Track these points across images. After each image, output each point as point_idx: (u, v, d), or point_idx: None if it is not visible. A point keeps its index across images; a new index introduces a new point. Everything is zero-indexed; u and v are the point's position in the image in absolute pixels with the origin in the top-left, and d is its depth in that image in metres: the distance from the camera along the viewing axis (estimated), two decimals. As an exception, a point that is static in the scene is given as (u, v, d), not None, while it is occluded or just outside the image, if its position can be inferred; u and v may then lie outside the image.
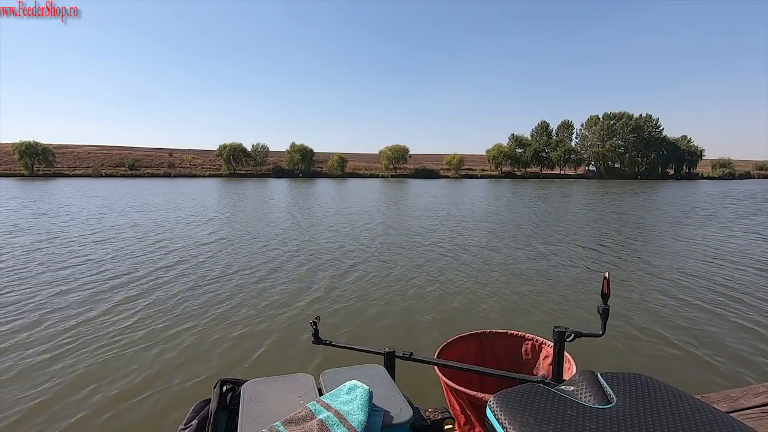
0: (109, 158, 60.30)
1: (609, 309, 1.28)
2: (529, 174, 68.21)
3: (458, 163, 64.22)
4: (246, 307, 5.28)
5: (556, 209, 18.72)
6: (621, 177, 65.84)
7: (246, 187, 34.47)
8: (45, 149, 51.35)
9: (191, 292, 5.83)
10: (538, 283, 6.48)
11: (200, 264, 7.51)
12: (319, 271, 7.10)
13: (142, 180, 45.19)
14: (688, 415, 0.73)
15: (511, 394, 0.85)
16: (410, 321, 4.93)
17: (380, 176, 60.22)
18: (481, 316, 5.11)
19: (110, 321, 4.76)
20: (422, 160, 73.73)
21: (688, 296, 5.78)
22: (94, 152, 63.50)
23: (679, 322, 4.83)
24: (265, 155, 62.31)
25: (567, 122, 74.23)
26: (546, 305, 5.45)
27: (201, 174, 56.17)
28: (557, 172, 71.14)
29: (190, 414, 1.12)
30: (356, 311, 5.20)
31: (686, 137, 74.69)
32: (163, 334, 4.44)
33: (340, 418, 0.93)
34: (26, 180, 40.91)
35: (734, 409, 1.36)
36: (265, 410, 1.02)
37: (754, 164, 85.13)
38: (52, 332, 4.42)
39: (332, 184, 41.42)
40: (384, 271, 7.14)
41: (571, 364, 1.58)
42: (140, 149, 70.52)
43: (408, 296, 5.77)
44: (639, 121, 69.78)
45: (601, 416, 0.76)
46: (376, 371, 1.24)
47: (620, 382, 0.86)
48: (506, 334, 1.95)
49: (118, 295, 5.65)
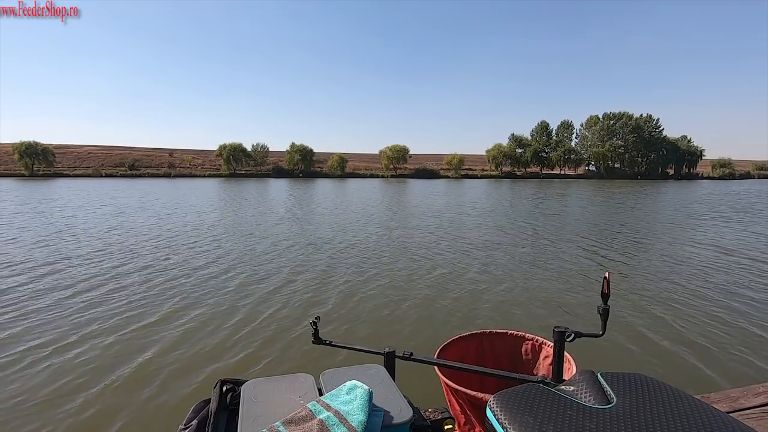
0: (109, 158, 60.31)
1: (609, 309, 1.28)
2: (529, 174, 68.18)
3: (458, 163, 64.22)
4: (246, 307, 5.28)
5: (556, 209, 18.72)
6: (621, 177, 65.81)
7: (246, 187, 34.44)
8: (45, 149, 51.35)
9: (191, 293, 5.83)
10: (538, 283, 6.48)
11: (200, 264, 7.51)
12: (320, 271, 7.10)
13: (143, 180, 45.17)
14: (688, 415, 0.73)
15: (511, 394, 0.85)
16: (410, 321, 4.92)
17: (380, 176, 60.20)
18: (481, 315, 5.10)
19: (110, 321, 4.76)
20: (422, 160, 73.75)
21: (688, 296, 5.78)
22: (94, 152, 63.53)
23: (679, 321, 4.83)
24: (265, 155, 62.30)
25: (567, 122, 74.25)
26: (546, 305, 5.45)
27: (201, 174, 56.14)
28: (557, 172, 71.11)
29: (190, 414, 1.12)
30: (356, 311, 5.20)
31: (686, 137, 74.69)
32: (163, 333, 4.44)
33: (340, 418, 0.93)
34: (26, 180, 40.90)
35: (734, 409, 1.36)
36: (265, 410, 1.02)
37: (754, 164, 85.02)
38: (58, 323, 4.43)
39: (332, 184, 41.41)
40: (384, 271, 7.14)
41: (571, 364, 1.58)
42: (140, 149, 70.59)
43: (408, 296, 5.77)
44: (639, 121, 69.74)
45: (601, 416, 0.76)
46: (376, 371, 1.24)
47: (620, 382, 0.86)
48: (506, 334, 1.95)
49: (119, 295, 5.66)
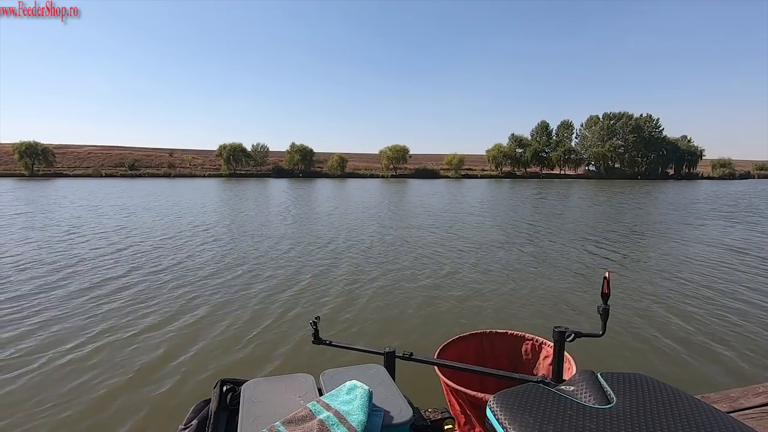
0: (109, 158, 60.31)
1: (609, 309, 1.28)
2: (529, 174, 68.18)
3: (458, 163, 64.21)
4: (246, 307, 5.28)
5: (557, 209, 18.71)
6: (621, 177, 65.81)
7: (247, 187, 34.44)
8: (45, 149, 51.34)
9: (191, 293, 5.83)
10: (538, 282, 6.48)
11: (200, 264, 7.51)
12: (320, 270, 7.09)
13: (144, 180, 45.17)
14: (688, 415, 0.73)
15: (511, 394, 0.85)
16: (411, 321, 4.93)
17: (380, 176, 60.20)
18: (482, 315, 5.10)
19: (110, 320, 4.77)
20: (422, 160, 73.73)
21: (689, 296, 5.78)
22: (94, 152, 63.52)
23: (679, 321, 4.83)
24: (265, 155, 62.28)
25: (567, 122, 74.27)
26: (546, 305, 5.45)
27: (201, 174, 56.13)
28: (557, 172, 71.10)
29: (190, 414, 1.12)
30: (357, 311, 5.19)
31: (686, 137, 74.70)
32: (163, 333, 4.44)
33: (340, 418, 0.93)
34: (26, 180, 40.90)
35: (734, 409, 1.36)
36: (265, 410, 1.02)
37: (754, 164, 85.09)
38: (59, 323, 4.43)
39: (332, 184, 41.41)
40: (385, 271, 7.14)
41: (571, 364, 1.58)
42: (140, 149, 70.55)
43: (408, 296, 5.77)
44: (639, 121, 69.74)
45: (601, 416, 0.76)
46: (376, 371, 1.24)
47: (620, 382, 0.86)
48: (506, 334, 1.95)
49: (120, 294, 5.66)
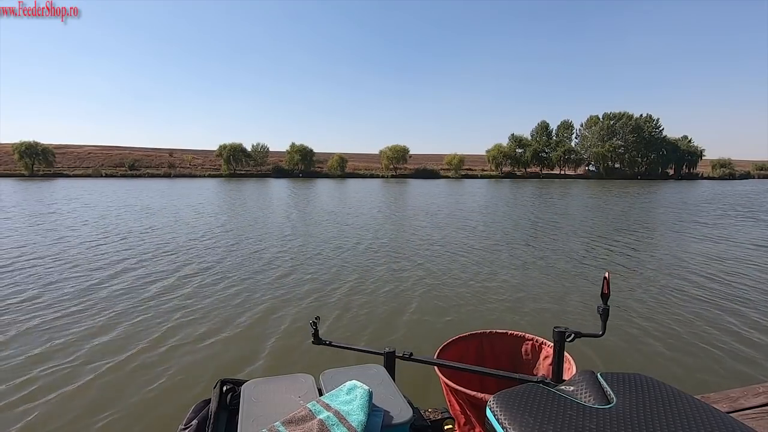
0: (109, 158, 60.30)
1: (609, 309, 1.28)
2: (529, 174, 68.18)
3: (458, 163, 64.21)
4: (246, 307, 5.28)
5: (557, 209, 18.71)
6: (621, 177, 65.80)
7: (247, 187, 34.44)
8: (45, 149, 51.34)
9: (191, 293, 5.83)
10: (538, 282, 6.48)
11: (199, 264, 7.51)
12: (320, 271, 7.09)
13: (144, 180, 45.17)
14: (687, 415, 0.73)
15: (510, 395, 0.84)
16: (410, 321, 4.92)
17: (380, 176, 60.19)
18: (482, 315, 5.10)
19: (110, 320, 4.76)
20: (422, 160, 73.74)
21: (689, 296, 5.78)
22: (94, 152, 63.51)
23: (679, 322, 4.82)
24: (265, 155, 62.28)
25: (567, 122, 74.23)
26: (546, 305, 5.44)
27: (201, 174, 56.13)
28: (557, 173, 71.11)
29: (190, 414, 1.12)
30: (356, 311, 5.19)
31: (686, 137, 74.69)
32: (164, 333, 4.44)
33: (339, 418, 0.93)
34: (27, 180, 40.90)
35: (734, 409, 1.36)
36: (265, 410, 1.02)
37: (754, 164, 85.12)
38: (51, 325, 4.43)
39: (332, 184, 41.40)
40: (385, 271, 7.13)
41: (571, 364, 1.58)
42: (140, 149, 70.55)
43: (408, 296, 5.76)
44: (639, 121, 69.72)
45: (601, 416, 0.76)
46: (376, 371, 1.24)
47: (620, 382, 0.86)
48: (506, 335, 1.95)
49: (117, 296, 5.66)
